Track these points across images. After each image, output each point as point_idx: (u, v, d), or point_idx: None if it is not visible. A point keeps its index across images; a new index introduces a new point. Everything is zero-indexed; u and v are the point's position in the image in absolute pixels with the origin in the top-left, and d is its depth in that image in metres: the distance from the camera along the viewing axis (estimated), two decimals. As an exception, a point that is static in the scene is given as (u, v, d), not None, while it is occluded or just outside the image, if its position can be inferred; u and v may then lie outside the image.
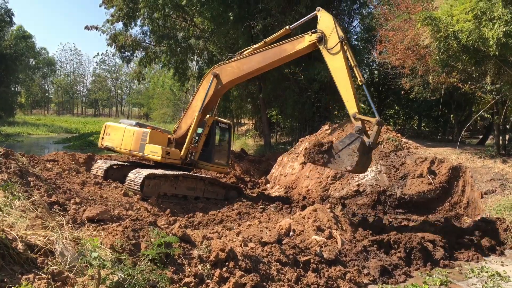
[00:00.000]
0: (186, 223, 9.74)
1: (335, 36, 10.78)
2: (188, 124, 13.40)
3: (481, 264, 8.53)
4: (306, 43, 11.35)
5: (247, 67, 12.57)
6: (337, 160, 9.39)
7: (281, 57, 12.06)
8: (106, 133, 13.99)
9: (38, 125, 61.02)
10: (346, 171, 9.87)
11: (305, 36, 11.40)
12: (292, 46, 11.76)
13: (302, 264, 6.84)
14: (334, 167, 9.77)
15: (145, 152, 12.87)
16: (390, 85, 23.06)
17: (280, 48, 11.98)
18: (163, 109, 73.05)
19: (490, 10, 9.83)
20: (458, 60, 11.33)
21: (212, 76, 13.03)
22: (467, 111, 25.76)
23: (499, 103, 15.70)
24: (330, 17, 11.17)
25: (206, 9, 23.22)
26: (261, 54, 12.32)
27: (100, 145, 14.17)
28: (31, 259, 4.60)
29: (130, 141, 13.17)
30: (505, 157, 15.11)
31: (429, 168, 13.89)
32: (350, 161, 9.17)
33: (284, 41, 12.11)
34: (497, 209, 11.84)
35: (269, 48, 12.29)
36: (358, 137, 9.31)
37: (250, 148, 32.26)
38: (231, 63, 12.92)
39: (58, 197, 8.35)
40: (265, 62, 12.26)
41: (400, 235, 8.82)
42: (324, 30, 11.06)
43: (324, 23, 11.18)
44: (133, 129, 13.31)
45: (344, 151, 9.29)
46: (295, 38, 11.82)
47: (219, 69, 13.09)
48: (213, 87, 13.05)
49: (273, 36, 13.03)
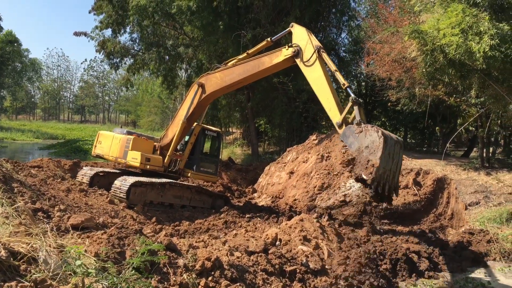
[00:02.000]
0: (172, 231, 9.68)
1: (310, 47, 10.75)
2: (174, 132, 13.37)
3: (465, 275, 8.61)
4: (282, 57, 11.30)
5: (228, 79, 12.46)
6: (371, 149, 8.73)
7: (260, 70, 11.92)
8: (98, 141, 14.19)
9: (23, 130, 60.19)
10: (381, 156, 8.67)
11: (282, 50, 11.36)
12: (269, 59, 11.69)
13: (288, 274, 6.84)
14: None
15: (128, 159, 12.85)
16: (377, 96, 23.30)
17: (259, 61, 11.92)
18: (151, 116, 72.67)
19: (476, 25, 10.04)
20: (444, 73, 11.51)
21: (197, 86, 13.03)
22: (452, 124, 26.11)
23: (484, 116, 15.95)
24: (303, 30, 11.21)
25: (196, 18, 23.28)
26: (241, 66, 12.25)
27: (93, 153, 14.49)
28: (13, 267, 4.52)
29: (116, 148, 13.20)
30: (489, 170, 15.33)
31: (415, 180, 14.04)
32: (376, 140, 8.66)
33: (264, 54, 12.06)
34: (481, 220, 11.99)
35: (250, 60, 12.25)
36: (350, 133, 9.05)
37: (238, 157, 32.23)
38: (216, 73, 12.88)
39: (42, 204, 8.24)
40: (245, 74, 12.12)
41: (385, 247, 8.88)
42: (299, 43, 11.05)
43: (298, 36, 11.24)
44: (119, 136, 13.33)
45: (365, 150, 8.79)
46: (273, 52, 11.75)
47: (205, 78, 13.09)
48: (197, 96, 13.05)
49: (255, 48, 13.09)
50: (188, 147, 13.88)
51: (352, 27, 29.93)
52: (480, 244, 10.39)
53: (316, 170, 15.75)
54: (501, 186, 13.63)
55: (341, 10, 27.00)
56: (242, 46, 22.52)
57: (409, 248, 9.22)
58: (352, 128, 9.16)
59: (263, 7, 22.72)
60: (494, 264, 9.62)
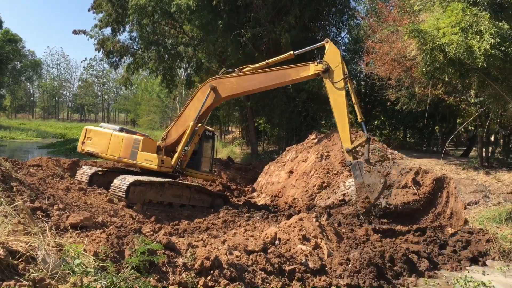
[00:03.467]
0: (171, 230, 9.67)
1: (340, 71, 11.51)
2: (179, 132, 13.38)
3: (465, 274, 8.61)
4: (311, 72, 11.96)
5: (248, 85, 12.89)
6: (371, 188, 11.05)
7: (284, 81, 12.79)
8: (87, 137, 13.50)
9: (22, 129, 60.14)
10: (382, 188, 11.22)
11: (310, 65, 11.97)
12: (296, 72, 12.32)
13: (287, 273, 6.82)
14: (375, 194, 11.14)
15: (138, 160, 12.72)
16: (377, 96, 23.32)
17: (284, 72, 12.49)
18: (150, 115, 72.63)
19: (476, 23, 10.04)
20: (444, 72, 11.50)
21: (209, 89, 13.02)
22: (452, 123, 26.13)
23: (483, 115, 15.96)
24: (337, 52, 11.89)
25: (195, 17, 23.25)
26: (264, 75, 12.68)
27: (80, 150, 13.63)
28: (12, 266, 4.50)
29: (119, 147, 12.92)
30: (488, 169, 15.33)
31: (414, 179, 14.03)
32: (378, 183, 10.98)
33: (289, 66, 12.68)
34: (480, 220, 12.00)
35: (273, 70, 12.68)
36: (360, 163, 11.11)
37: (237, 156, 32.23)
38: (230, 78, 13.08)
39: (41, 203, 8.23)
40: (267, 83, 12.73)
41: (385, 247, 8.89)
42: (330, 63, 11.70)
43: (331, 56, 11.83)
44: (121, 135, 13.11)
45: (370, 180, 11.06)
46: (300, 65, 12.40)
47: (216, 82, 13.13)
48: (210, 99, 13.09)
49: (276, 58, 13.52)
50: (192, 147, 13.86)
51: (351, 26, 29.93)
52: (479, 243, 10.40)
53: (316, 169, 15.75)
54: (500, 186, 13.63)
55: (340, 9, 26.97)
56: (242, 45, 22.50)
57: (408, 248, 9.24)
58: (362, 164, 11.09)
59: (263, 6, 22.68)
60: (493, 264, 9.63)
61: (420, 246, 9.88)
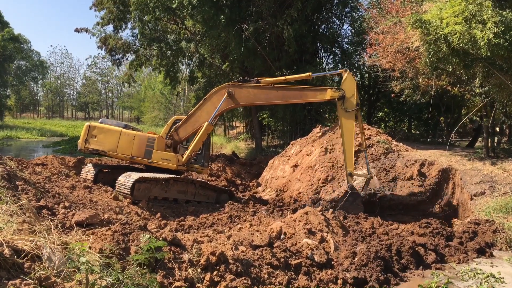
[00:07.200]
0: (176, 226, 9.69)
1: (353, 101, 12.42)
2: (188, 132, 13.42)
3: (472, 266, 8.57)
4: (328, 97, 12.66)
5: (264, 97, 13.29)
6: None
7: (300, 100, 14.21)
8: (91, 135, 12.82)
9: (27, 128, 60.33)
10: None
11: (328, 91, 12.68)
12: (313, 94, 13.19)
13: (293, 268, 6.82)
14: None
15: (154, 159, 12.74)
16: (380, 88, 23.16)
17: (301, 92, 13.29)
18: (154, 112, 72.68)
19: (480, 13, 9.93)
20: (448, 63, 11.41)
21: (226, 94, 13.01)
22: (457, 114, 25.94)
23: (488, 105, 15.81)
24: (354, 82, 12.69)
25: (197, 12, 23.17)
26: (282, 92, 13.12)
27: (83, 148, 12.83)
28: (17, 264, 4.52)
29: (130, 146, 12.70)
30: (494, 159, 15.22)
31: (419, 171, 13.96)
32: (357, 210, 11.96)
33: (307, 87, 13.76)
34: (486, 211, 11.92)
35: (291, 88, 13.28)
36: (357, 194, 12.31)
37: (242, 151, 32.21)
38: (248, 88, 13.19)
39: (46, 201, 8.25)
40: (283, 99, 13.57)
41: (392, 240, 8.85)
42: (346, 91, 12.49)
43: (348, 85, 12.61)
44: (132, 133, 12.95)
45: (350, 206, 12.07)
46: (318, 88, 13.48)
47: (233, 89, 13.11)
48: (225, 104, 13.20)
49: (294, 76, 14.63)
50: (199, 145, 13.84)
51: (354, 18, 29.71)
52: (486, 234, 10.32)
53: (320, 163, 15.70)
54: (506, 176, 13.53)
55: (343, 1, 26.81)
56: (244, 39, 22.42)
57: (415, 241, 9.18)
58: (357, 196, 12.31)
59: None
60: (500, 254, 9.57)
61: (426, 238, 9.82)
